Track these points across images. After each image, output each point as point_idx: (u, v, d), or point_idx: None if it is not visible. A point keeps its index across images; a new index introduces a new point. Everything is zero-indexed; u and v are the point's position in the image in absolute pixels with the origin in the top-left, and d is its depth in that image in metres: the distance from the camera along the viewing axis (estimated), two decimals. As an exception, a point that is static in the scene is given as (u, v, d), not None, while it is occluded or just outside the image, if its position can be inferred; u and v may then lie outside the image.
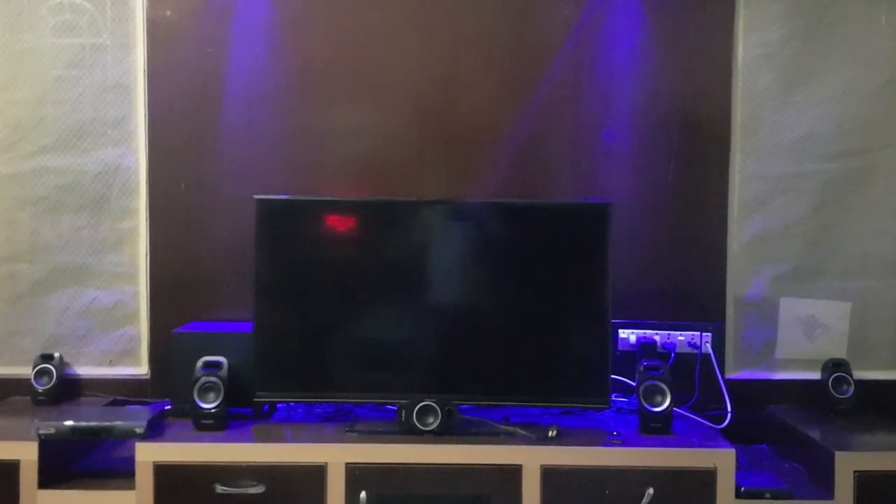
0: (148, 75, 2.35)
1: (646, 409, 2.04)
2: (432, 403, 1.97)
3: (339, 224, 2.10)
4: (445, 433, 1.96)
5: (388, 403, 2.08)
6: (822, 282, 2.37)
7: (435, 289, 2.12)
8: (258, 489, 1.88)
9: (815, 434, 2.08)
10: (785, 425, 2.20)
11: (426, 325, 2.11)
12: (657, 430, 2.04)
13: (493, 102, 2.41)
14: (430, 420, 1.98)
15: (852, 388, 2.26)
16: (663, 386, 2.05)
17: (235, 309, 2.26)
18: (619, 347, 2.36)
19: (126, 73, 2.36)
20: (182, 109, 2.37)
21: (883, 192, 2.36)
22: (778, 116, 2.36)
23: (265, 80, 2.38)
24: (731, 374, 2.38)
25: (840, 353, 2.37)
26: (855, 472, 1.91)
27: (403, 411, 1.98)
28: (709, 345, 2.35)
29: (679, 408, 2.26)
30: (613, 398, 2.26)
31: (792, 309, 2.38)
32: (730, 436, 2.22)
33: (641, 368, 2.11)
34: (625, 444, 1.96)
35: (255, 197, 2.08)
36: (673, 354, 2.33)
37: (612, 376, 2.23)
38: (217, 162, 2.38)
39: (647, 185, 2.40)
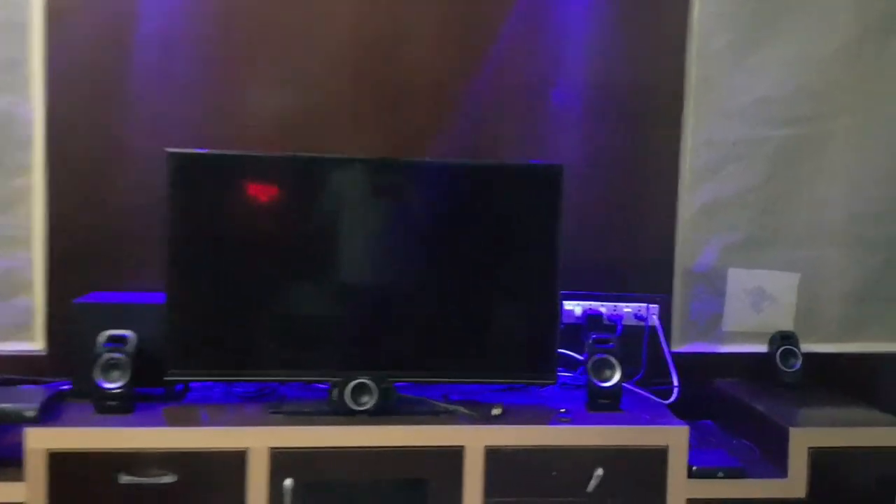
0: (47, 12, 2.08)
1: (594, 384, 1.92)
2: (367, 381, 1.80)
3: (262, 183, 1.88)
4: (381, 413, 1.79)
5: (318, 381, 1.89)
6: (771, 252, 2.29)
7: (370, 256, 1.94)
8: (169, 479, 1.68)
9: (765, 409, 2.00)
10: (734, 400, 2.12)
11: (359, 295, 1.92)
12: (606, 406, 1.92)
13: (436, 59, 2.21)
14: (365, 399, 1.80)
15: (800, 362, 2.20)
16: (613, 360, 1.93)
17: (145, 277, 2.01)
18: (564, 320, 2.23)
19: (19, 10, 2.07)
20: (86, 52, 2.09)
21: (835, 160, 2.28)
22: (732, 79, 2.24)
23: (182, 22, 2.12)
24: (678, 348, 2.27)
25: (788, 325, 2.30)
26: (809, 448, 1.84)
27: (335, 390, 1.80)
28: (656, 317, 2.24)
29: (626, 382, 2.16)
30: (558, 373, 2.15)
31: (740, 280, 2.29)
32: (676, 411, 2.14)
33: (590, 341, 1.98)
34: (573, 421, 1.83)
35: (168, 151, 1.84)
36: (619, 327, 2.22)
37: (558, 350, 2.12)
38: (126, 112, 2.11)
39: (596, 149, 2.26)
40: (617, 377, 1.92)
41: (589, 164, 2.26)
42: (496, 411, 1.84)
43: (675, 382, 2.14)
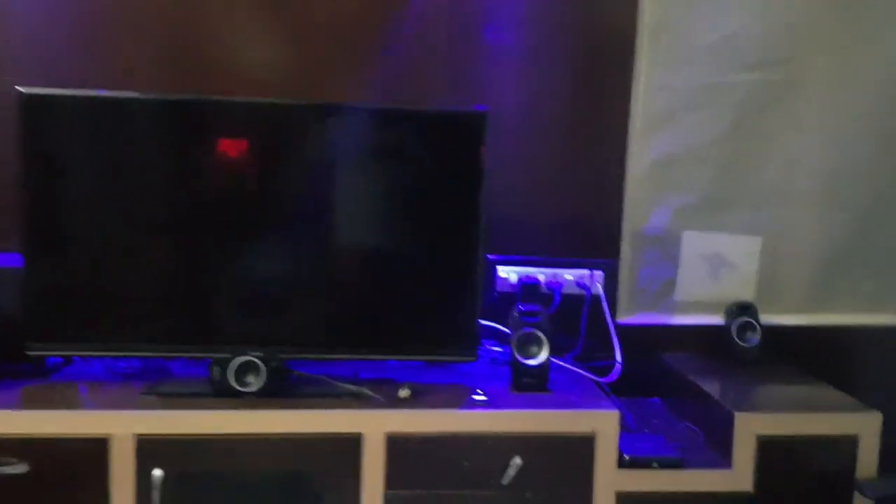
0: None
1: (518, 361, 1.71)
2: (253, 358, 1.58)
3: (135, 128, 1.64)
4: (270, 395, 1.58)
5: (198, 358, 1.67)
6: (731, 213, 2.04)
7: (262, 212, 1.69)
8: (20, 468, 1.46)
9: (713, 389, 1.79)
10: (681, 378, 1.91)
11: (250, 257, 1.68)
12: (531, 386, 1.70)
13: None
14: (251, 379, 1.58)
15: (758, 336, 1.98)
16: (540, 334, 1.71)
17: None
18: (498, 288, 2.01)
19: None
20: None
21: (809, 110, 2.02)
22: (693, 15, 1.97)
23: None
24: (624, 319, 2.05)
25: (748, 295, 2.07)
26: (757, 436, 1.64)
27: (216, 368, 1.58)
28: (600, 285, 2.02)
29: (562, 357, 1.96)
30: (489, 348, 1.93)
31: (696, 244, 2.06)
32: (620, 389, 1.93)
33: (515, 314, 1.76)
34: (489, 404, 1.62)
35: (19, 89, 1.59)
36: (558, 296, 2.00)
37: (487, 322, 1.89)
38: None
39: (535, 96, 2.01)
40: (544, 354, 1.70)
41: (527, 112, 2.01)
42: (403, 393, 1.63)
43: (618, 358, 1.92)
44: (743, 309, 2.00)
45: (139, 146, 1.64)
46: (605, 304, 1.99)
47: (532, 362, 1.70)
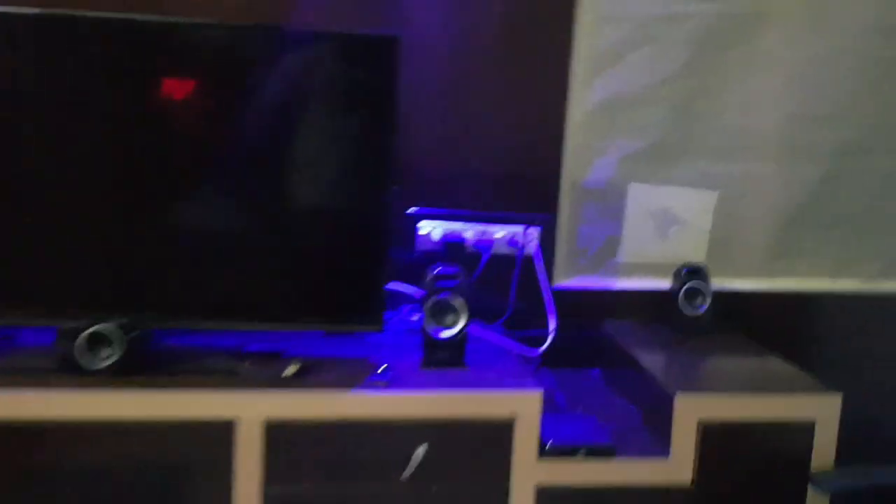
0: None
1: (430, 333, 1.48)
2: (106, 329, 1.32)
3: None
4: (128, 373, 1.32)
5: (46, 326, 1.41)
6: (684, 164, 1.81)
7: (124, 152, 1.41)
8: None
9: (653, 364, 1.57)
10: (620, 350, 1.70)
11: (111, 207, 1.42)
12: (444, 361, 1.47)
13: None
14: (105, 353, 1.33)
15: (708, 302, 1.76)
16: (456, 301, 1.48)
17: None
18: (419, 247, 1.77)
19: None
20: None
21: (773, 46, 1.77)
22: (644, -67, 1.73)
23: None
24: (562, 282, 1.83)
25: (700, 256, 1.85)
26: (699, 421, 1.43)
27: (62, 340, 1.33)
28: (534, 244, 1.79)
29: (491, 325, 1.73)
30: (408, 315, 1.71)
31: (643, 199, 1.82)
32: (556, 359, 1.73)
33: (429, 277, 1.53)
34: (391, 384, 1.39)
35: None
36: (486, 256, 1.77)
37: (403, 286, 1.66)
38: None
39: (463, 23, 1.74)
40: (460, 324, 1.47)
41: (453, 42, 1.74)
42: (290, 370, 1.39)
43: (552, 326, 1.70)
44: (692, 272, 1.77)
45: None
46: (539, 266, 1.76)
47: (446, 334, 1.47)
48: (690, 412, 1.41)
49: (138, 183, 1.42)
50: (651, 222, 1.83)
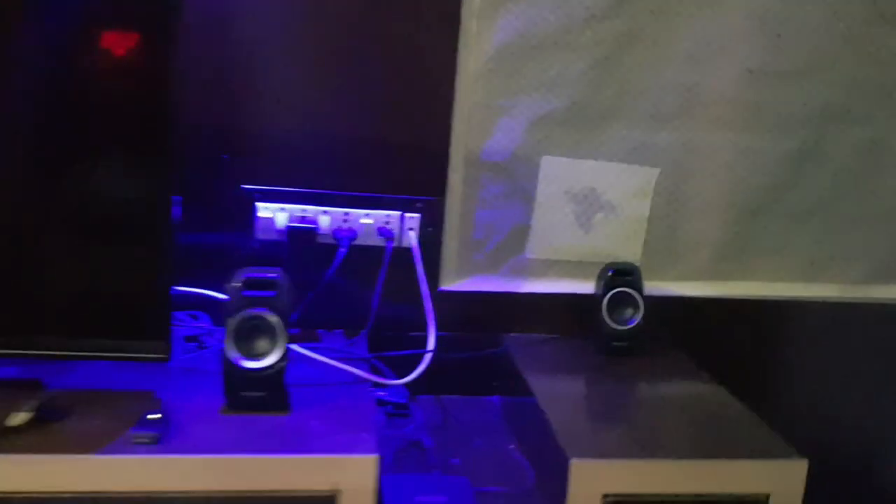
0: None
1: (235, 364, 1.06)
2: None
3: None
4: None
5: None
6: (613, 131, 1.37)
7: None
8: None
9: (553, 405, 1.14)
10: (518, 378, 1.29)
11: None
12: (255, 403, 1.06)
13: None
14: None
15: (640, 314, 1.35)
16: (271, 320, 1.06)
17: None
18: (259, 234, 1.35)
19: None
20: None
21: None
22: None
23: None
24: (451, 284, 1.40)
25: (632, 252, 1.44)
26: (604, 497, 1.03)
27: None
28: (414, 234, 1.37)
29: (352, 341, 1.32)
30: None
31: (559, 176, 1.40)
32: (447, 384, 1.34)
33: (233, 284, 1.10)
34: (162, 440, 0.97)
35: None
36: (344, 248, 1.35)
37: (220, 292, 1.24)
38: None
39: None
40: (277, 351, 1.06)
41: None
42: (18, 418, 0.97)
43: (430, 344, 1.29)
44: (621, 274, 1.35)
45: None
46: (418, 263, 1.34)
47: (255, 365, 1.05)
48: (591, 483, 1.00)
49: None
50: (570, 208, 1.40)
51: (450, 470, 1.15)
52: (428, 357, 1.24)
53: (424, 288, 1.30)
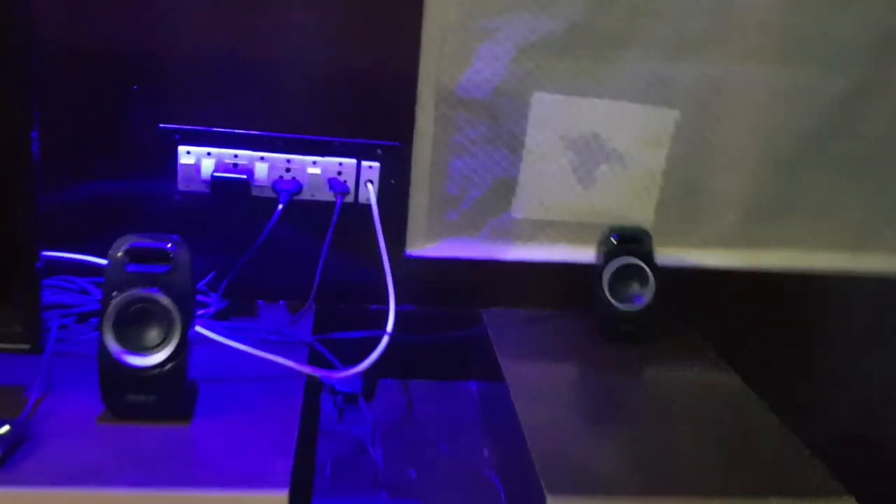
0: None
1: (118, 360, 0.83)
2: None
3: None
4: None
5: None
6: (621, 61, 1.11)
7: None
8: None
9: (529, 410, 0.91)
10: (494, 367, 1.06)
11: None
12: (146, 409, 0.81)
13: None
14: None
15: (650, 290, 1.10)
16: (164, 303, 0.82)
17: None
18: (181, 185, 1.10)
19: None
20: None
21: None
22: None
23: None
24: (419, 248, 1.16)
25: (642, 213, 1.18)
26: None
27: None
28: (373, 187, 1.12)
29: (295, 318, 1.08)
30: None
31: (554, 118, 1.13)
32: (419, 367, 1.11)
33: (116, 257, 0.86)
34: (5, 462, 0.75)
35: None
36: (283, 203, 1.10)
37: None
38: None
39: None
40: (170, 347, 0.82)
41: None
42: None
43: (389, 327, 1.05)
44: (627, 240, 1.10)
45: None
46: (377, 223, 1.10)
47: (142, 362, 0.82)
48: None
49: None
50: (566, 157, 1.15)
51: (402, 489, 0.92)
52: (385, 341, 1.00)
53: (384, 253, 1.06)
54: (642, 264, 1.08)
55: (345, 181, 1.09)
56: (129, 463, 0.74)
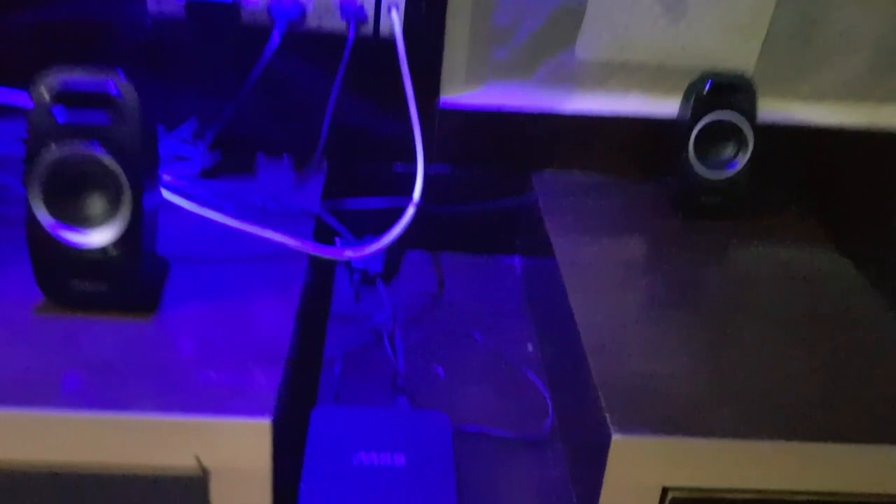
0: None
1: (54, 238, 0.64)
2: None
3: None
4: None
5: None
6: None
7: None
8: None
9: (585, 308, 0.70)
10: (544, 241, 0.86)
11: None
12: (90, 300, 0.62)
13: None
14: None
15: (747, 153, 0.86)
16: (107, 164, 0.62)
17: None
18: (152, 7, 0.87)
19: None
20: None
21: None
22: None
23: None
24: (457, 95, 0.93)
25: (745, 55, 0.93)
26: (666, 493, 0.62)
27: None
28: (398, 14, 0.87)
29: (304, 171, 0.88)
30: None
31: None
32: (456, 238, 0.93)
33: (40, 104, 0.64)
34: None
35: None
36: (279, 29, 0.86)
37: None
38: None
39: None
40: (120, 223, 0.63)
41: None
42: None
43: (416, 194, 0.84)
44: (724, 90, 0.86)
45: None
46: (403, 62, 0.86)
47: (83, 239, 0.64)
48: (643, 472, 0.60)
49: None
50: (651, -22, 0.88)
51: (425, 394, 0.75)
52: (410, 213, 0.81)
53: (412, 101, 0.84)
54: (741, 120, 0.84)
55: (361, 4, 0.85)
56: (72, 370, 0.58)
